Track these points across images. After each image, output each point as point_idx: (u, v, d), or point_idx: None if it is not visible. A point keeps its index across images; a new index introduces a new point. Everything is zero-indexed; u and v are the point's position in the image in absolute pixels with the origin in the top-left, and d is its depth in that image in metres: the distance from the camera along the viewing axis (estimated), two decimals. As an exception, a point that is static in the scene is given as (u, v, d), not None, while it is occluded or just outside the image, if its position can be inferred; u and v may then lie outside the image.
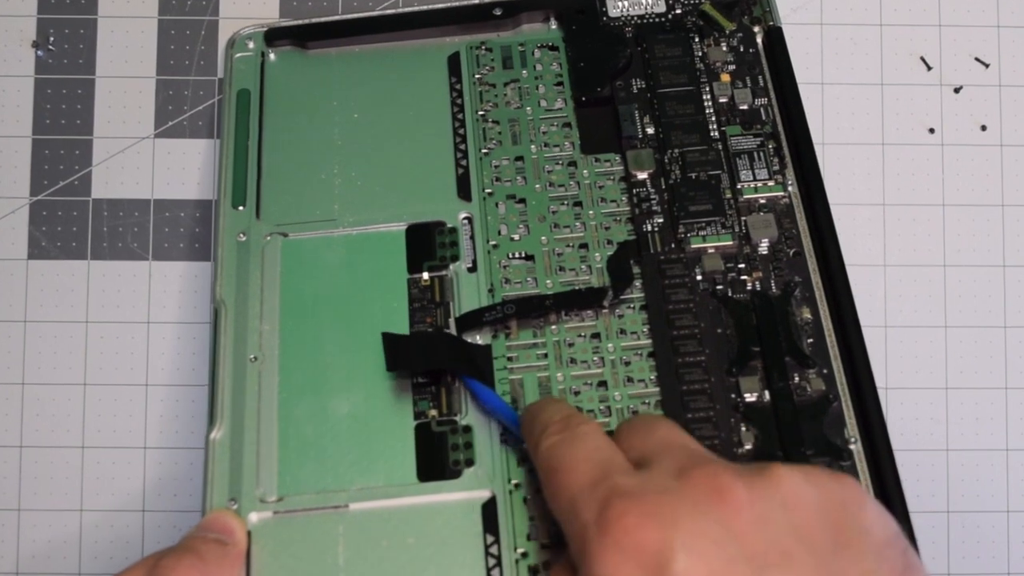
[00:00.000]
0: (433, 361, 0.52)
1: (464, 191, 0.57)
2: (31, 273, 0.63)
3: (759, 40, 0.60)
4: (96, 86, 0.65)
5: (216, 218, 0.57)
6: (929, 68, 0.66)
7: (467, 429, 0.51)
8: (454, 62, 0.61)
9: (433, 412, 0.52)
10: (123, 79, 0.65)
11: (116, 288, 0.63)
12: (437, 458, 0.51)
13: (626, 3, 0.62)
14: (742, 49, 0.60)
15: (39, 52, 0.65)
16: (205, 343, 0.61)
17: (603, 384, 0.52)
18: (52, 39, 0.65)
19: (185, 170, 0.64)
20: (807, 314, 0.53)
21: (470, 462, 0.50)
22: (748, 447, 0.50)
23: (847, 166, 0.64)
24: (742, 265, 0.54)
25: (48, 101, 0.65)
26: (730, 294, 0.54)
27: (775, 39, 0.60)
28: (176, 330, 0.62)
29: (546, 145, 0.58)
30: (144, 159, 0.64)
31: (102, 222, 0.64)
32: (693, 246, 0.55)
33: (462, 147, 0.58)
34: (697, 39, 0.60)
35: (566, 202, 0.56)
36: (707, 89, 0.59)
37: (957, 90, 0.66)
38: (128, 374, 0.61)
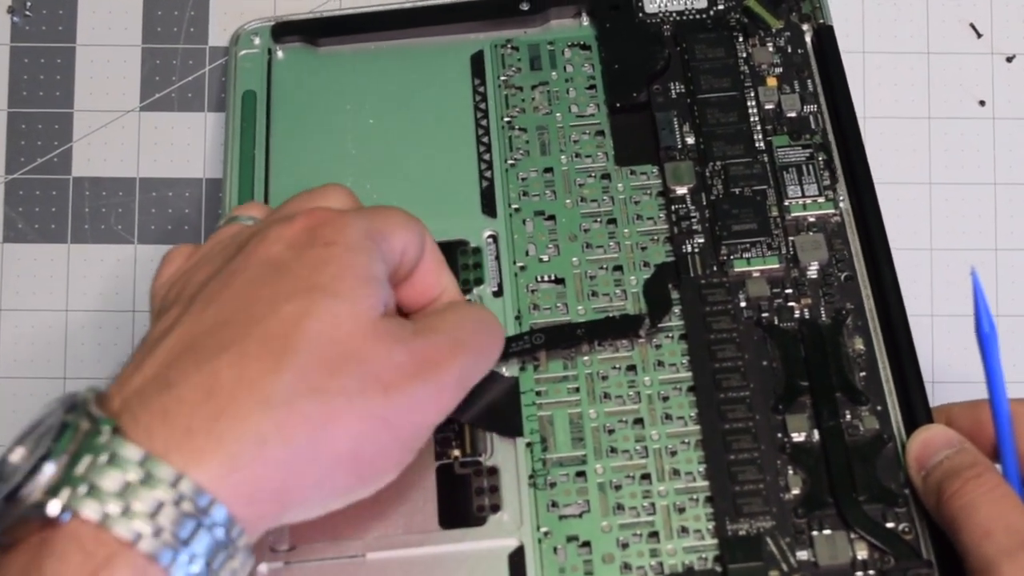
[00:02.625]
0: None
1: (489, 206, 0.56)
2: (7, 257, 0.63)
3: (808, 40, 0.59)
4: (77, 55, 0.64)
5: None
6: (979, 35, 0.65)
7: (493, 471, 0.50)
8: (478, 62, 0.60)
9: (456, 452, 0.51)
10: (106, 47, 0.64)
11: (99, 274, 0.62)
12: (460, 503, 0.50)
13: (664, -2, 0.61)
14: (790, 50, 0.59)
15: (15, 18, 0.64)
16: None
17: (639, 422, 0.51)
18: (29, 4, 0.64)
19: (174, 146, 0.63)
20: (860, 345, 0.52)
21: (496, 507, 0.50)
22: (796, 491, 0.49)
23: (890, 142, 0.63)
24: (789, 290, 0.53)
25: (25, 71, 0.64)
26: (776, 323, 0.52)
27: (826, 39, 0.59)
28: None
29: (577, 156, 0.57)
30: (129, 134, 0.64)
31: (83, 202, 0.63)
32: (736, 269, 0.54)
33: (486, 157, 0.57)
34: (741, 38, 0.59)
35: (599, 219, 0.55)
36: (752, 95, 0.58)
37: (1010, 59, 0.64)
38: (111, 367, 0.60)
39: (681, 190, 0.56)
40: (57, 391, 0.61)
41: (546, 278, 0.54)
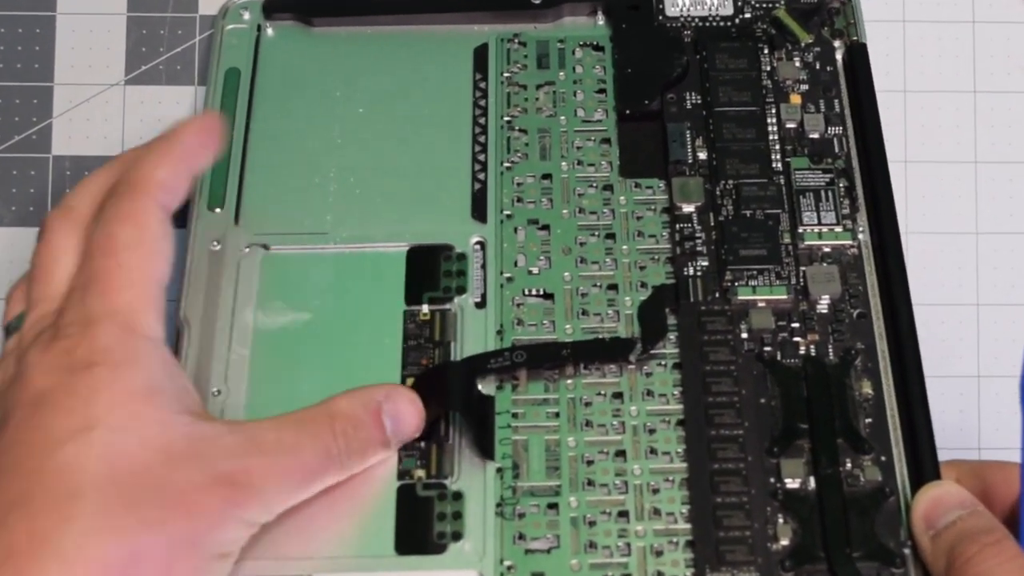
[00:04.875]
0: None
1: (479, 211, 0.55)
2: (-19, 241, 0.62)
3: (839, 57, 0.58)
4: (57, 24, 0.63)
5: (188, 220, 0.55)
6: (1029, 2, 0.64)
7: (458, 496, 0.49)
8: (481, 55, 0.59)
9: (420, 472, 0.50)
10: (89, 16, 0.63)
11: (81, 260, 0.61)
12: (420, 528, 0.49)
13: (687, 1, 0.60)
14: (818, 66, 0.58)
15: (-11, -16, 0.64)
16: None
17: (621, 454, 0.50)
18: (4, -33, 0.64)
19: (161, 122, 0.61)
20: (867, 389, 0.51)
21: (458, 535, 0.49)
22: (784, 542, 0.48)
23: (932, 117, 0.62)
24: (796, 324, 0.52)
25: (1, 41, 0.63)
26: (779, 358, 0.51)
27: (857, 57, 0.58)
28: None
29: (579, 163, 0.56)
30: (113, 109, 0.63)
31: (64, 183, 0.62)
32: (740, 297, 0.53)
33: (481, 158, 0.56)
34: (766, 50, 0.58)
35: (597, 233, 0.55)
36: (773, 111, 0.57)
37: (1062, 28, 0.63)
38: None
39: (688, 208, 0.55)
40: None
41: (534, 292, 0.53)
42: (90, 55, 0.63)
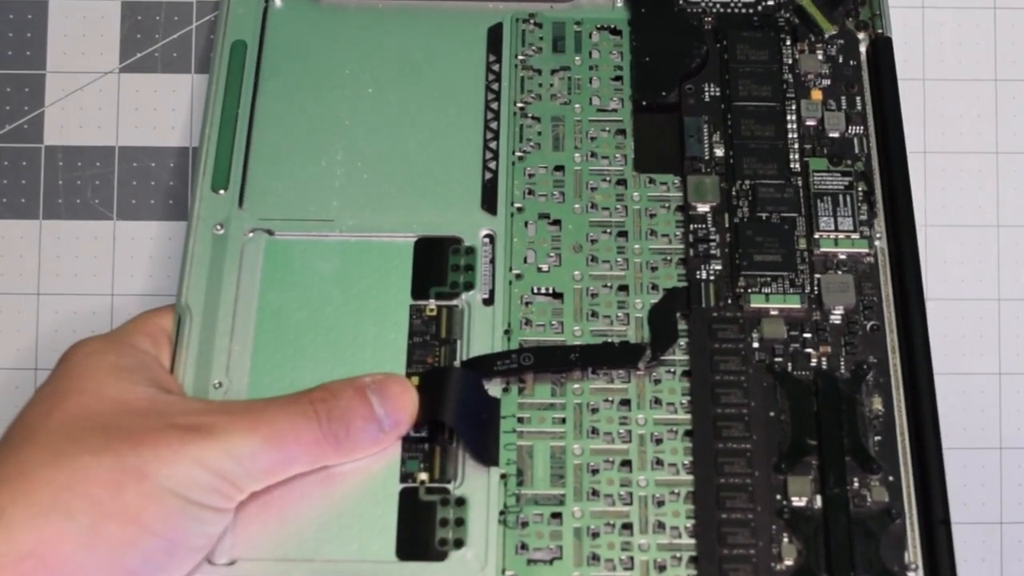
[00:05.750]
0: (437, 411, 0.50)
1: (489, 202, 0.55)
2: (-28, 235, 0.61)
3: (863, 50, 0.58)
4: (50, 10, 0.62)
5: (191, 201, 0.55)
6: (1052, -13, 0.63)
7: (461, 502, 0.49)
8: (495, 35, 0.58)
9: (423, 476, 0.50)
10: (82, 2, 0.62)
11: (74, 253, 0.61)
12: (422, 533, 0.49)
13: (708, -16, 0.59)
14: (841, 60, 0.57)
15: (-21, -31, 0.62)
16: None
17: (627, 464, 0.50)
18: (-6, -47, 0.63)
19: (157, 111, 0.61)
20: (878, 405, 0.51)
21: (460, 543, 0.49)
22: (788, 562, 0.48)
23: (953, 106, 0.62)
24: (808, 335, 0.52)
25: (-9, 28, 0.62)
26: (790, 369, 0.51)
27: (882, 52, 0.57)
28: (145, 304, 0.59)
29: (593, 155, 0.56)
30: (107, 98, 0.62)
31: (56, 174, 0.61)
32: (753, 305, 0.52)
33: (493, 145, 0.56)
34: (789, 41, 0.57)
35: (609, 230, 0.54)
36: (793, 108, 0.56)
37: (1087, 13, 0.63)
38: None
39: (703, 208, 0.54)
40: (29, 382, 0.60)
41: (543, 291, 0.53)
42: (83, 42, 0.62)
